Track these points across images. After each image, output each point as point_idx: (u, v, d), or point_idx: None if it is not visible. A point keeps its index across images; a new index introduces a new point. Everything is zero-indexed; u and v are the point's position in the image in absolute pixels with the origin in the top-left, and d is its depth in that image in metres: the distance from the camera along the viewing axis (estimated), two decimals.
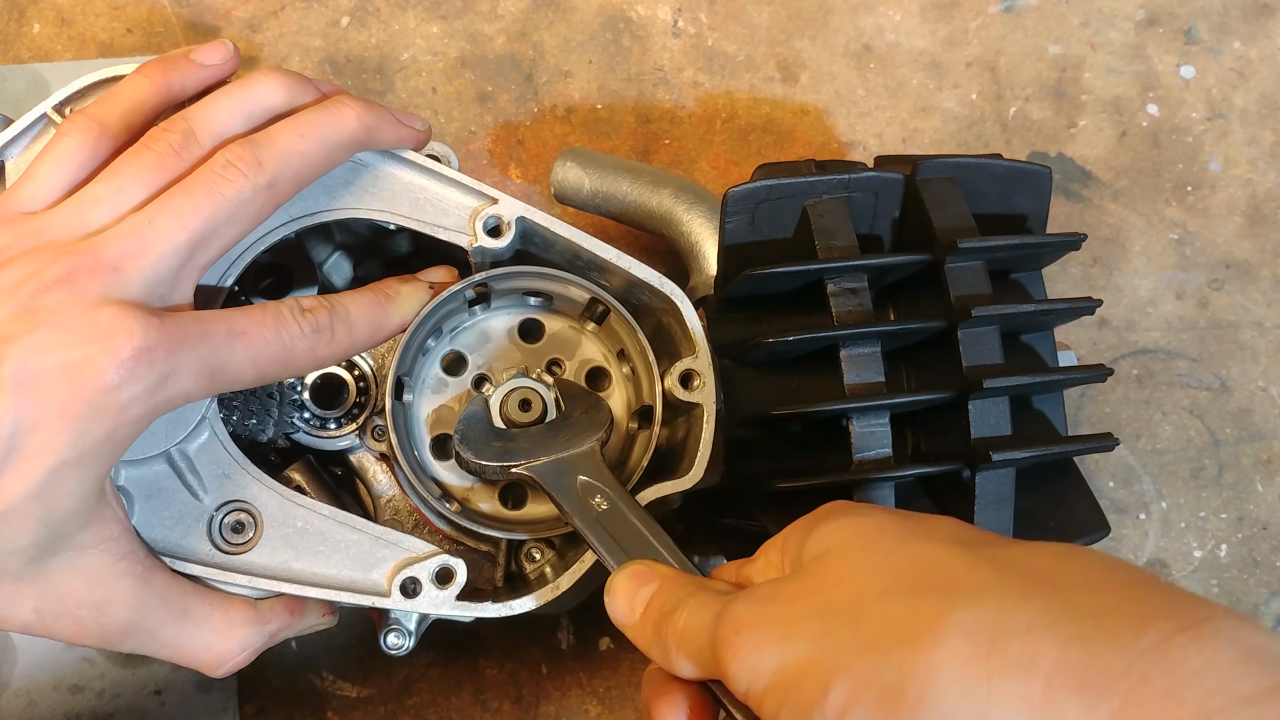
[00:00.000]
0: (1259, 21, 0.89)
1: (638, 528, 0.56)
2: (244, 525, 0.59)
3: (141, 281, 0.51)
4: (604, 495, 0.57)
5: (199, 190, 0.53)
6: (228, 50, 0.60)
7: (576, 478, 0.58)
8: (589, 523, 0.56)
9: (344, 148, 0.58)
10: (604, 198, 0.73)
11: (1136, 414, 0.83)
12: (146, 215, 0.52)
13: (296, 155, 0.55)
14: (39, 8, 0.84)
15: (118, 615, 0.54)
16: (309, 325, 0.56)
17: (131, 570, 0.54)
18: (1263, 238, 0.86)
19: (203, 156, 0.54)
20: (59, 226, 0.52)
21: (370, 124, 0.58)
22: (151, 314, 0.50)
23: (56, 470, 0.48)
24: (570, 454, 0.59)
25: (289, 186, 0.56)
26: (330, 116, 0.57)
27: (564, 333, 0.67)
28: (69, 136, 0.54)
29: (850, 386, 0.62)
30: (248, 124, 0.56)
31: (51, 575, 0.51)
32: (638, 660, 0.78)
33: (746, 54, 0.87)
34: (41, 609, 0.52)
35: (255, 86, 0.57)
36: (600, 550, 0.56)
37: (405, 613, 0.61)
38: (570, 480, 0.58)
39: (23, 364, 0.47)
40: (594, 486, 0.58)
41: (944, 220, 0.63)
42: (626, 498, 0.57)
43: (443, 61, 0.85)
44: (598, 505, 0.57)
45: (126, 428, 0.50)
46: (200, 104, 0.56)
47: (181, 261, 0.52)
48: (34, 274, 0.49)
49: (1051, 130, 0.87)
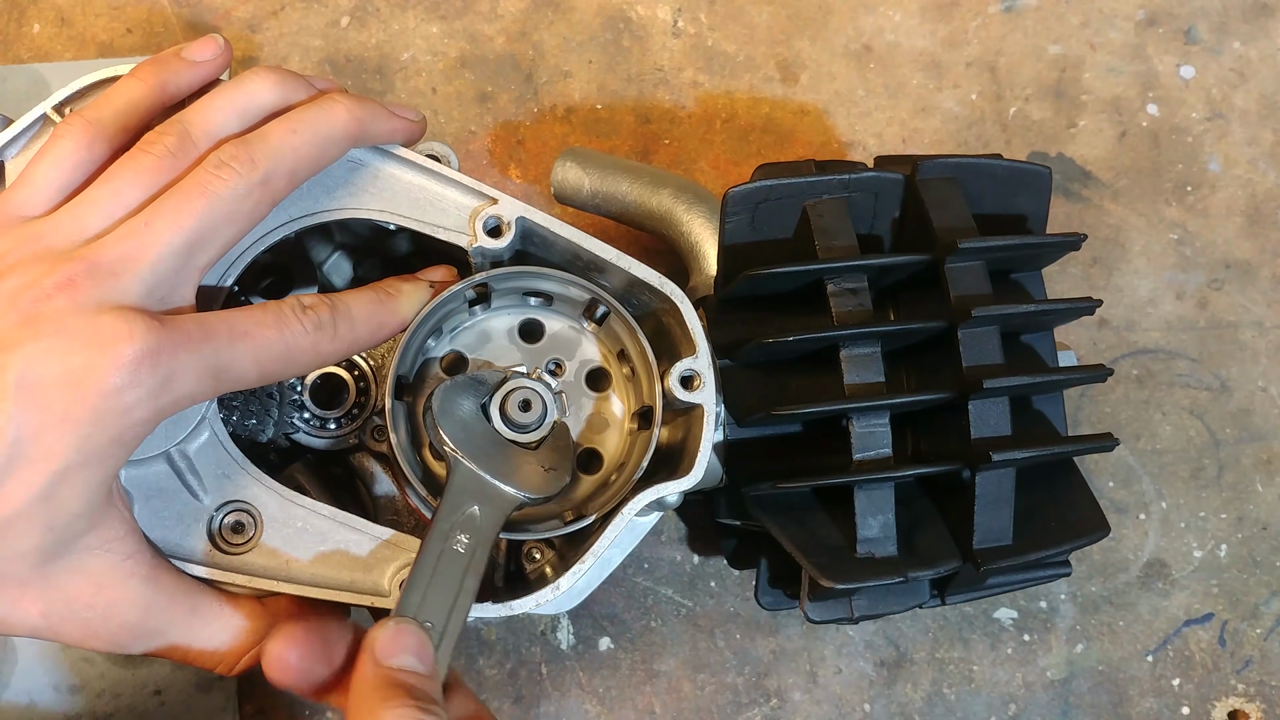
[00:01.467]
0: (1259, 21, 0.89)
1: (453, 589, 0.54)
2: (244, 525, 0.59)
3: (140, 285, 0.51)
4: (471, 541, 0.55)
5: (193, 191, 0.53)
6: (218, 45, 0.60)
7: (474, 506, 0.57)
8: (435, 543, 0.55)
9: (337, 142, 0.58)
10: (604, 198, 0.73)
11: (1136, 414, 0.83)
12: (143, 219, 0.52)
13: (289, 151, 0.55)
14: (39, 8, 0.84)
15: (125, 616, 0.54)
16: (311, 323, 0.56)
17: (138, 571, 0.54)
18: (1262, 238, 0.86)
19: (198, 158, 0.54)
20: (57, 232, 0.52)
21: (362, 117, 0.58)
22: (152, 317, 0.50)
23: (61, 475, 0.48)
24: (495, 485, 0.58)
25: (284, 183, 0.56)
26: (322, 112, 0.57)
27: (564, 333, 0.67)
28: (64, 139, 0.54)
29: (850, 386, 0.62)
30: (242, 123, 0.56)
31: (57, 579, 0.52)
32: (637, 660, 0.78)
33: (746, 54, 0.87)
34: (48, 613, 0.52)
35: (248, 86, 0.57)
36: (417, 570, 0.54)
37: None
38: (467, 502, 0.57)
39: (25, 371, 0.48)
40: (474, 526, 0.56)
41: (944, 220, 0.63)
42: (480, 563, 0.56)
43: (442, 61, 0.85)
44: (457, 541, 0.55)
45: (131, 431, 0.50)
46: (194, 106, 0.56)
47: (180, 263, 0.52)
48: (34, 282, 0.50)
49: (1051, 130, 0.87)
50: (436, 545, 0.55)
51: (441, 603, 0.54)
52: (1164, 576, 0.81)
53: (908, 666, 0.79)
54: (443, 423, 0.58)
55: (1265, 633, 0.81)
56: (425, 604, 0.54)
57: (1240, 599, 0.81)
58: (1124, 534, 0.82)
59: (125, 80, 0.58)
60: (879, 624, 0.79)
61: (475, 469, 0.58)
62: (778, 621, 0.78)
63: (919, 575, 0.60)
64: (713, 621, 0.78)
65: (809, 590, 0.63)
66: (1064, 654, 0.79)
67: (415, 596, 0.54)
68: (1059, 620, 0.80)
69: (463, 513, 0.56)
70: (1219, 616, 0.81)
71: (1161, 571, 0.81)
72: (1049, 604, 0.80)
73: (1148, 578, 0.81)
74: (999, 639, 0.79)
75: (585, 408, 0.66)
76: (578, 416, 0.66)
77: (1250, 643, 0.80)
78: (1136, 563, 0.81)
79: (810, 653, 0.78)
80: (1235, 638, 0.80)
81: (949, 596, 0.65)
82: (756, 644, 0.78)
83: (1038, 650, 0.79)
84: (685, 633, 0.78)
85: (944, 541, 0.62)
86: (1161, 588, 0.81)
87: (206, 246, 0.53)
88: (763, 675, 0.78)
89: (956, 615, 0.80)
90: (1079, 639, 0.80)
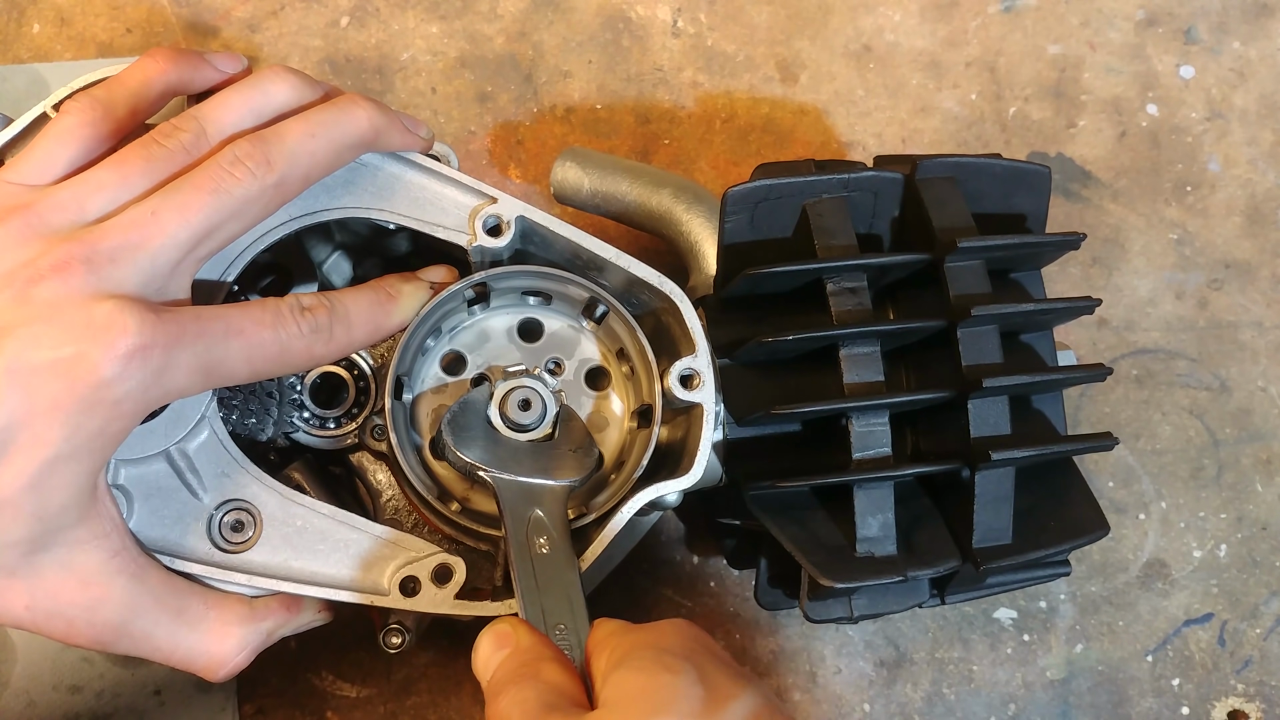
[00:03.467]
0: (1259, 21, 0.89)
1: (563, 585, 0.56)
2: (243, 524, 0.59)
3: (139, 275, 0.50)
4: (549, 539, 0.57)
5: (205, 185, 0.52)
6: (241, 63, 0.60)
7: (534, 510, 0.58)
8: (522, 558, 0.57)
9: (352, 149, 0.58)
10: (603, 198, 0.73)
11: (1136, 414, 0.83)
12: (149, 206, 0.51)
13: (305, 155, 0.55)
14: (39, 8, 0.84)
15: (109, 615, 0.53)
16: (308, 325, 0.55)
17: (124, 568, 0.53)
18: (1262, 238, 0.86)
19: (208, 154, 0.54)
20: (57, 207, 0.51)
21: (380, 126, 0.58)
22: (148, 309, 0.49)
23: (50, 464, 0.48)
24: (540, 483, 0.59)
25: (296, 186, 0.56)
26: (342, 116, 0.57)
27: (563, 332, 0.67)
28: (72, 115, 0.54)
29: (850, 386, 0.62)
30: (256, 123, 0.56)
31: (44, 571, 0.51)
32: None
33: (746, 54, 0.87)
34: (33, 606, 0.52)
35: (264, 86, 0.57)
36: (518, 587, 0.56)
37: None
38: (526, 510, 0.58)
39: (16, 358, 0.47)
40: (545, 526, 0.58)
41: (943, 220, 0.63)
42: (568, 552, 0.57)
43: (442, 61, 0.85)
44: (540, 546, 0.57)
45: (119, 422, 0.49)
46: (211, 102, 0.56)
47: (181, 255, 0.52)
48: (29, 261, 0.49)
49: (1051, 130, 0.87)
50: (525, 557, 0.57)
51: (559, 605, 0.56)
52: (1164, 576, 0.81)
53: (907, 666, 0.79)
54: (465, 451, 0.60)
55: (1265, 633, 0.81)
56: (547, 612, 0.56)
57: (1240, 599, 0.81)
58: (1124, 534, 0.82)
59: (140, 63, 0.57)
60: (879, 624, 0.79)
61: (516, 479, 0.59)
62: (777, 621, 0.78)
63: (919, 574, 0.60)
64: (713, 621, 0.78)
65: (809, 590, 0.63)
66: (1064, 654, 0.79)
67: (535, 610, 0.56)
68: (1059, 620, 0.80)
69: (527, 520, 0.58)
70: (1219, 616, 0.81)
71: (1161, 571, 0.81)
72: (1049, 604, 0.80)
73: (1147, 578, 0.81)
74: (999, 639, 0.79)
75: (585, 407, 0.66)
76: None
77: (1250, 643, 0.80)
78: (1136, 563, 0.81)
79: (810, 653, 0.78)
80: (1235, 638, 0.80)
81: (949, 596, 0.65)
82: (756, 644, 0.78)
83: (1037, 650, 0.79)
84: None
85: (943, 541, 0.62)
86: (1161, 588, 0.81)
87: (209, 241, 0.53)
88: (762, 675, 0.78)
89: (956, 615, 0.80)
90: (1079, 639, 0.80)
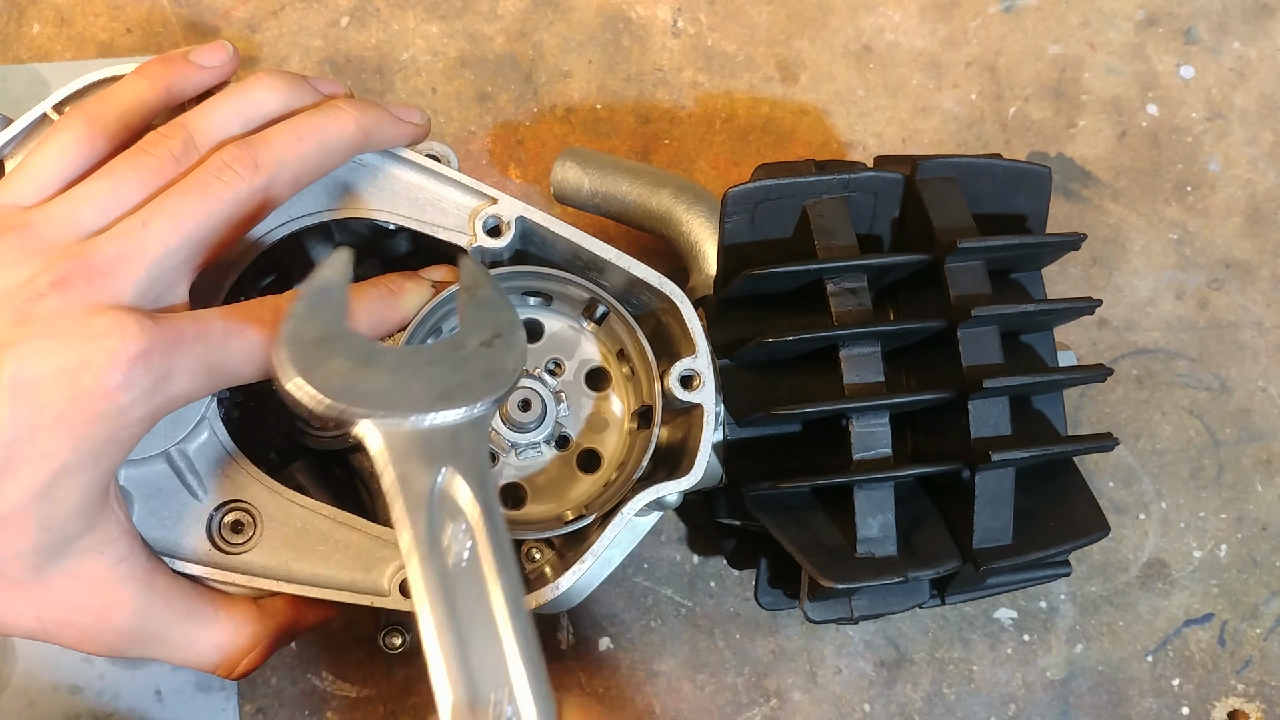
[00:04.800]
0: (1259, 21, 0.89)
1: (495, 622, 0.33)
2: (243, 525, 0.59)
3: (135, 285, 0.51)
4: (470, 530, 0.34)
5: (194, 192, 0.52)
6: (227, 52, 0.59)
7: (438, 471, 0.35)
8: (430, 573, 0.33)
9: (341, 151, 0.58)
10: (604, 198, 0.73)
11: (1136, 414, 0.83)
12: (141, 218, 0.51)
13: (294, 159, 0.55)
14: (38, 8, 0.84)
15: (120, 621, 0.54)
16: None
17: (132, 574, 0.54)
18: (1262, 238, 0.86)
19: (199, 161, 0.54)
20: (51, 224, 0.51)
21: (368, 126, 0.58)
22: (146, 316, 0.50)
23: (57, 476, 0.48)
24: (441, 419, 0.35)
25: (286, 190, 0.56)
26: (328, 119, 0.57)
27: (563, 333, 0.67)
28: (65, 132, 0.54)
29: (850, 386, 0.62)
30: (245, 129, 0.56)
31: (53, 581, 0.51)
32: (637, 660, 0.78)
33: (746, 54, 0.87)
34: (43, 616, 0.52)
35: (253, 92, 0.57)
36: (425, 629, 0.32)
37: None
38: (427, 475, 0.35)
39: (20, 372, 0.47)
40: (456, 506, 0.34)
41: (944, 220, 0.63)
42: (504, 553, 0.34)
43: (442, 61, 0.85)
44: (450, 546, 0.34)
45: (127, 430, 0.50)
46: (198, 110, 0.56)
47: (176, 263, 0.52)
48: (28, 280, 0.49)
49: (1051, 130, 0.87)
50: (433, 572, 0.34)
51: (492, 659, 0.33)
52: (1164, 576, 0.81)
53: (907, 666, 0.79)
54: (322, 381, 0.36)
55: (1265, 633, 0.81)
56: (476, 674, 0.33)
57: (1240, 599, 0.81)
58: (1124, 534, 0.82)
59: (131, 78, 0.57)
60: (879, 624, 0.79)
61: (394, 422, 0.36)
62: (777, 621, 0.78)
63: (919, 575, 0.60)
64: (712, 621, 0.78)
65: (809, 590, 0.63)
66: (1064, 654, 0.79)
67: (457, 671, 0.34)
68: (1059, 620, 0.80)
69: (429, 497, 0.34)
70: (1219, 616, 0.81)
71: (1161, 571, 0.81)
72: (1049, 604, 0.80)
73: (1147, 578, 0.81)
74: (999, 639, 0.79)
75: (585, 407, 0.66)
76: (577, 416, 0.66)
77: (1250, 643, 0.80)
78: (1136, 563, 0.81)
79: (810, 653, 0.78)
80: (1235, 638, 0.80)
81: (949, 596, 0.65)
82: (756, 644, 0.78)
83: (1037, 650, 0.79)
84: (685, 633, 0.78)
85: (944, 541, 0.62)
86: (1161, 588, 0.81)
87: (204, 248, 0.53)
88: (762, 675, 0.78)
89: (956, 615, 0.80)
90: (1079, 639, 0.80)
